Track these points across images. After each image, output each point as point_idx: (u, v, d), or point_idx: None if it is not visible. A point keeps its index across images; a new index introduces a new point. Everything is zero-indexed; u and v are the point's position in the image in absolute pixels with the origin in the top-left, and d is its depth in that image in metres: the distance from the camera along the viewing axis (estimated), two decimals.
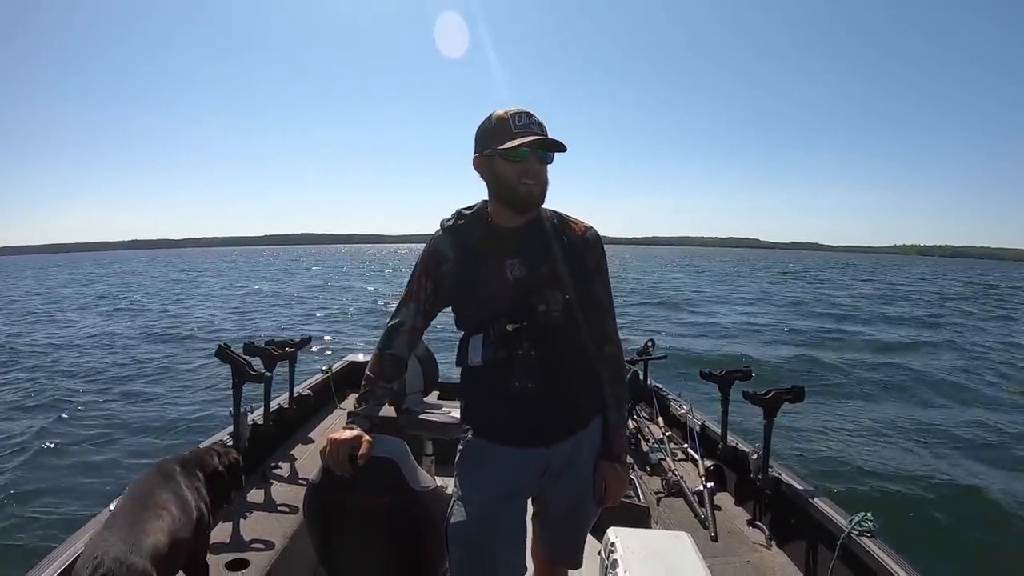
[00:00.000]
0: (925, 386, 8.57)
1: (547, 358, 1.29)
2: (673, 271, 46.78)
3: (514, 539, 1.32)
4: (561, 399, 1.32)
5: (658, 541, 1.56)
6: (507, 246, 1.31)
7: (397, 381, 1.41)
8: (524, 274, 1.29)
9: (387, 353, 1.38)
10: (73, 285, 32.60)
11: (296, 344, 2.98)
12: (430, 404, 2.83)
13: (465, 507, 1.29)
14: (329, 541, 1.48)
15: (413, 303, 1.38)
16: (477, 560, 1.28)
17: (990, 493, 4.79)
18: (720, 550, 2.16)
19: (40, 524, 3.99)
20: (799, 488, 2.20)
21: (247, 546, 1.99)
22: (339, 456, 1.26)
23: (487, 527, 1.27)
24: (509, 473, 1.31)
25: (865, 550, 1.77)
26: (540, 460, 1.32)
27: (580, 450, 1.36)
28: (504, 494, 1.30)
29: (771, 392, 2.29)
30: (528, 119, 1.26)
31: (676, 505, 2.51)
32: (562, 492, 1.38)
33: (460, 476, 1.34)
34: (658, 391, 3.68)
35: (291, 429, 3.09)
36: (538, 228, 1.34)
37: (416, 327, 1.39)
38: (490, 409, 1.34)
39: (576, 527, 1.45)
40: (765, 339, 12.74)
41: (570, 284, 1.30)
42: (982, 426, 6.61)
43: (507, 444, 1.31)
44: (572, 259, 1.32)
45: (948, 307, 21.10)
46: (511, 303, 1.28)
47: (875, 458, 5.60)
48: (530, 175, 1.25)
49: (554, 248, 1.32)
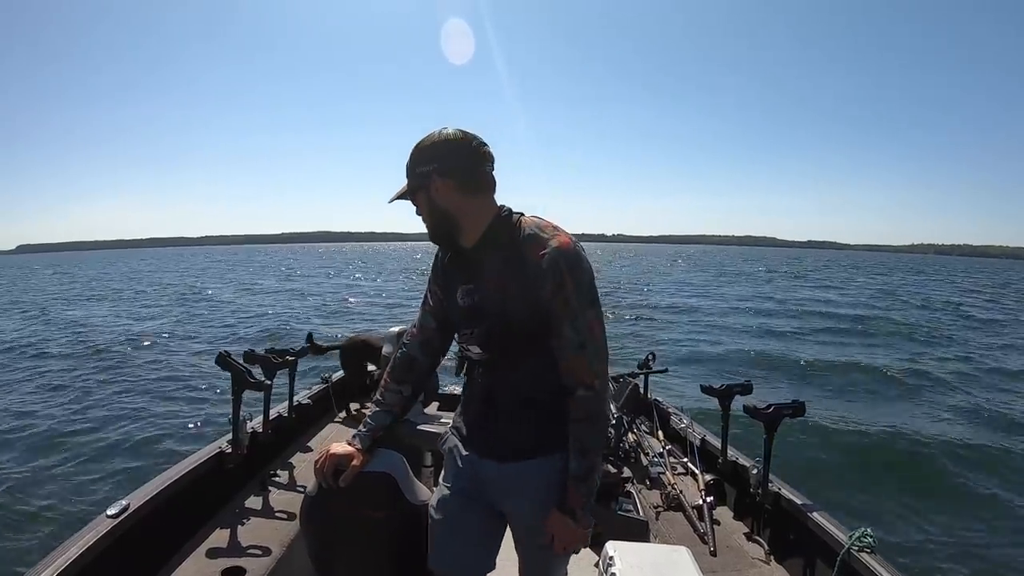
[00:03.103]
0: (937, 398, 8.52)
1: (496, 386, 1.29)
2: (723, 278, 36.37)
3: (472, 538, 1.36)
4: (508, 424, 1.29)
5: (657, 555, 1.55)
6: (463, 269, 1.30)
7: (407, 385, 1.44)
8: (469, 302, 1.27)
9: (400, 353, 1.44)
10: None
11: (296, 353, 2.99)
12: (430, 415, 2.83)
13: (437, 492, 1.40)
14: (325, 553, 1.47)
15: (424, 307, 1.44)
16: (440, 548, 1.35)
17: (994, 510, 4.76)
18: (719, 565, 2.14)
19: (41, 525, 3.99)
20: (799, 503, 2.19)
21: (244, 553, 1.98)
22: (326, 471, 1.32)
23: (448, 520, 1.35)
24: (466, 475, 1.36)
25: (865, 566, 1.76)
26: (490, 472, 1.32)
27: (528, 479, 1.28)
28: (462, 492, 1.36)
29: (771, 407, 2.29)
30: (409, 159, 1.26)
31: (675, 519, 2.50)
32: (517, 514, 1.35)
33: (444, 467, 1.44)
34: (658, 404, 3.67)
35: (290, 437, 3.09)
36: (489, 251, 1.24)
37: (426, 327, 1.43)
38: (463, 415, 1.40)
39: (535, 553, 1.36)
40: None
41: (518, 313, 1.19)
42: (990, 440, 6.57)
43: (465, 448, 1.37)
44: (525, 285, 1.18)
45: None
46: (463, 330, 1.32)
47: (877, 473, 5.57)
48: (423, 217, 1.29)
49: (501, 274, 1.21)
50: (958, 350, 12.43)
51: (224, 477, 2.36)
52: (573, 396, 1.21)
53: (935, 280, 40.98)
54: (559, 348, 1.20)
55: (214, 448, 2.38)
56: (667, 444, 3.18)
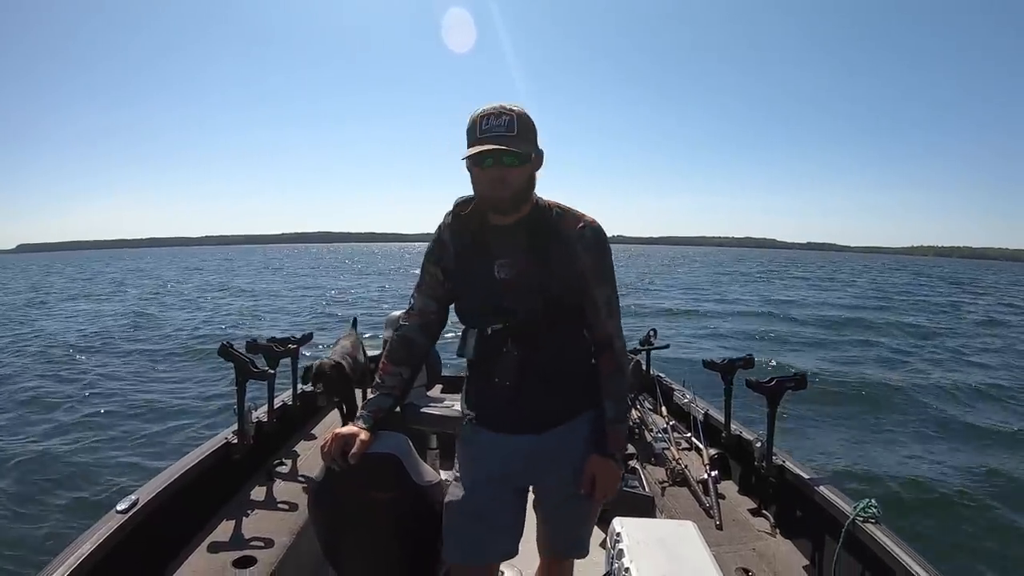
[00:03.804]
0: (935, 376, 8.56)
1: (529, 357, 1.30)
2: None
3: (503, 522, 1.35)
4: (542, 396, 1.33)
5: (663, 530, 1.56)
6: (498, 245, 1.31)
7: (407, 367, 1.42)
8: (509, 275, 1.30)
9: (397, 334, 1.43)
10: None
11: (299, 341, 2.99)
12: (433, 398, 2.83)
13: (456, 486, 1.35)
14: (334, 537, 1.48)
15: (424, 290, 1.41)
16: (464, 538, 1.32)
17: (995, 481, 4.81)
18: (725, 538, 2.16)
19: (46, 523, 4.02)
20: (803, 476, 2.20)
21: (253, 543, 2.00)
22: (332, 452, 1.30)
23: (475, 508, 1.32)
24: (497, 458, 1.34)
25: (870, 536, 1.77)
26: (529, 446, 1.34)
27: (571, 440, 1.35)
28: (493, 478, 1.34)
29: (773, 380, 2.29)
30: (495, 121, 1.21)
31: (681, 494, 2.52)
32: (557, 482, 1.38)
33: (458, 458, 1.41)
34: (661, 381, 3.68)
35: (295, 426, 3.10)
36: (530, 226, 1.31)
37: (425, 311, 1.42)
38: (481, 398, 1.38)
39: (577, 518, 1.44)
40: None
41: (557, 286, 1.28)
42: (992, 415, 6.61)
43: (495, 430, 1.35)
44: (563, 259, 1.29)
45: None
46: (497, 303, 1.30)
47: (880, 445, 5.61)
48: (496, 183, 1.23)
49: (543, 249, 1.30)
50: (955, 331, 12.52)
51: (231, 468, 2.37)
52: (606, 353, 1.35)
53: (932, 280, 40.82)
54: (594, 313, 1.33)
55: (220, 439, 2.39)
56: (671, 420, 3.20)
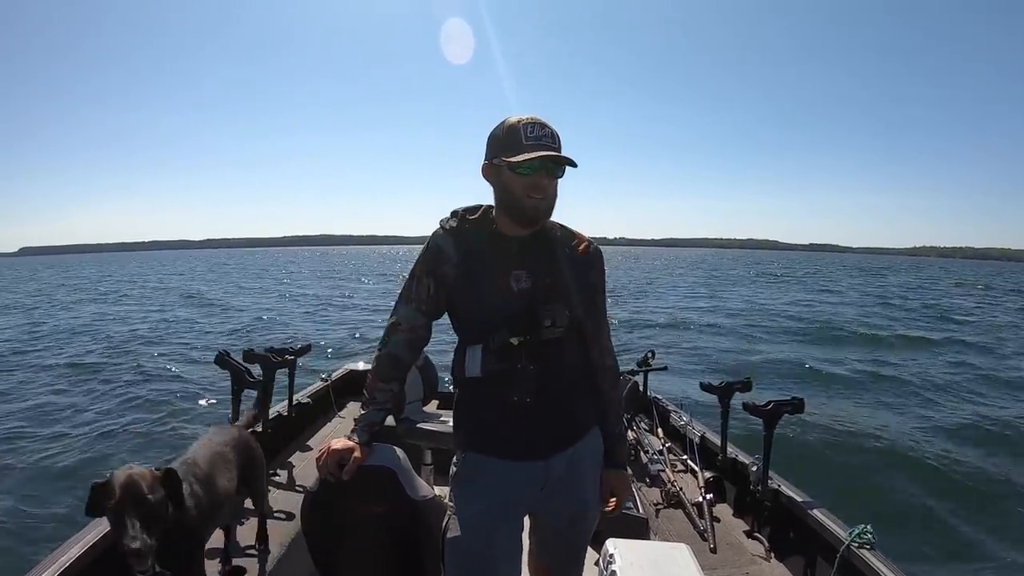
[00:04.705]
0: (935, 395, 8.52)
1: (545, 372, 1.26)
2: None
3: (511, 553, 1.31)
4: (559, 412, 1.31)
5: (657, 552, 1.55)
6: (513, 256, 1.29)
7: (396, 382, 1.38)
8: (529, 286, 1.27)
9: (383, 352, 1.37)
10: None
11: (296, 351, 2.99)
12: (429, 413, 2.83)
13: (461, 521, 1.28)
14: (327, 549, 1.47)
15: (413, 302, 1.34)
16: (474, 572, 1.27)
17: (995, 509, 4.76)
18: (719, 562, 2.14)
19: (41, 524, 3.99)
20: (799, 500, 2.19)
21: (244, 553, 1.98)
22: (328, 464, 1.28)
23: (484, 541, 1.27)
24: (506, 486, 1.29)
25: (865, 562, 1.76)
26: (538, 473, 1.30)
27: (577, 461, 1.35)
28: (501, 508, 1.29)
29: (771, 404, 2.29)
30: (540, 130, 1.21)
31: (675, 516, 2.50)
32: (560, 504, 1.36)
33: (456, 491, 1.33)
34: (658, 402, 3.67)
35: (290, 436, 3.08)
36: (543, 240, 1.32)
37: (415, 326, 1.35)
38: (487, 421, 1.31)
39: (576, 538, 1.44)
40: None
41: (574, 298, 1.31)
42: (990, 436, 6.56)
43: (504, 458, 1.29)
44: (576, 273, 1.33)
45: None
46: (515, 315, 1.26)
47: (876, 469, 5.57)
48: (538, 190, 1.22)
49: (559, 261, 1.32)
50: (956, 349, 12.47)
51: None
52: (605, 368, 1.40)
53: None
54: (596, 329, 1.38)
55: None
56: (667, 441, 3.18)
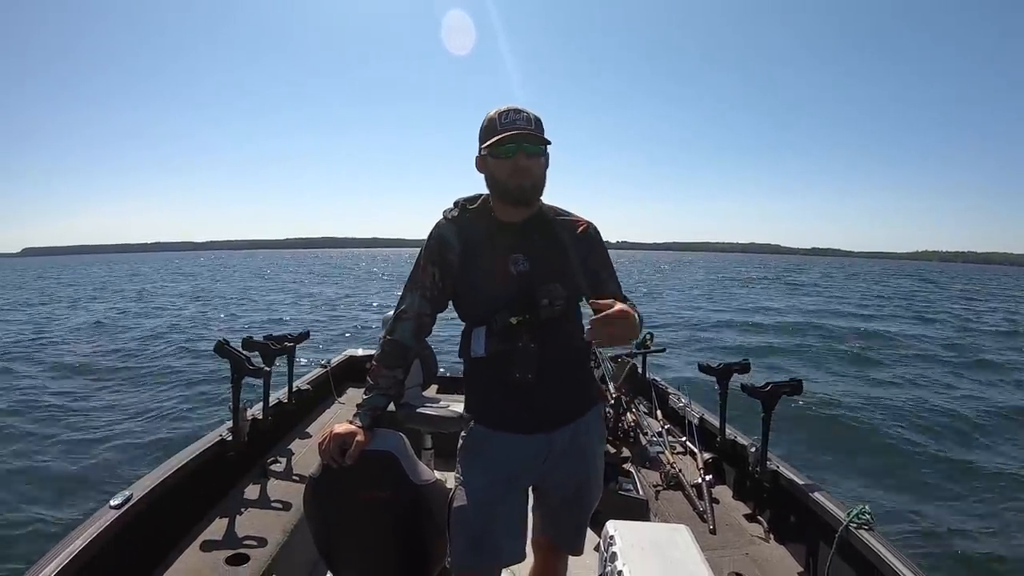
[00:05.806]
0: (930, 380, 8.57)
1: (547, 350, 1.33)
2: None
3: (514, 524, 1.36)
4: (561, 389, 1.37)
5: (657, 534, 1.56)
6: (510, 240, 1.35)
7: (400, 369, 1.43)
8: (527, 268, 1.34)
9: (389, 339, 1.41)
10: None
11: (295, 338, 2.98)
12: (429, 398, 2.83)
13: (467, 491, 1.34)
14: (329, 535, 1.48)
15: (418, 290, 1.40)
16: (477, 542, 1.31)
17: (991, 488, 4.82)
18: (719, 543, 2.16)
19: (40, 518, 4.01)
20: (797, 481, 2.20)
21: (246, 541, 2.00)
22: (331, 450, 1.31)
23: (488, 511, 1.32)
24: (510, 459, 1.35)
25: (863, 543, 1.77)
26: (541, 446, 1.36)
27: (580, 435, 1.40)
28: (505, 479, 1.34)
29: (769, 385, 2.29)
30: (515, 115, 1.28)
31: (675, 498, 2.52)
32: (563, 477, 1.41)
33: (463, 462, 1.39)
34: (656, 384, 3.68)
35: (290, 424, 3.09)
36: (540, 223, 1.38)
37: (421, 314, 1.42)
38: (493, 398, 1.38)
39: (578, 512, 1.49)
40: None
41: (574, 278, 1.35)
42: (985, 419, 6.62)
43: (509, 431, 1.36)
44: (575, 253, 1.37)
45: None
46: (514, 296, 1.32)
47: (874, 451, 5.62)
48: (519, 170, 1.28)
49: (556, 243, 1.37)
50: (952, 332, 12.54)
51: (225, 465, 2.37)
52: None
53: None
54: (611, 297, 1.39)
55: (215, 436, 2.38)
56: (666, 423, 3.20)
